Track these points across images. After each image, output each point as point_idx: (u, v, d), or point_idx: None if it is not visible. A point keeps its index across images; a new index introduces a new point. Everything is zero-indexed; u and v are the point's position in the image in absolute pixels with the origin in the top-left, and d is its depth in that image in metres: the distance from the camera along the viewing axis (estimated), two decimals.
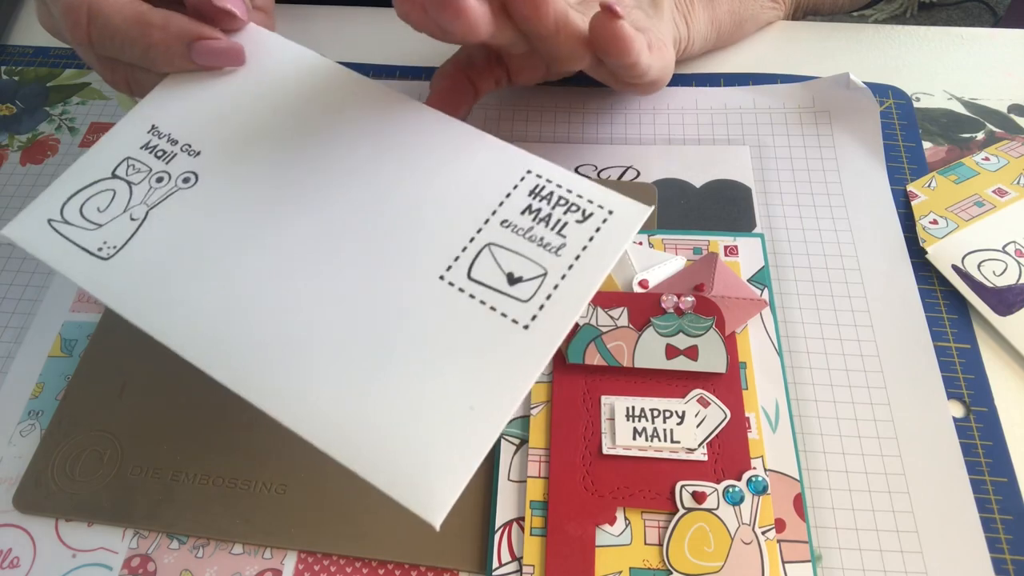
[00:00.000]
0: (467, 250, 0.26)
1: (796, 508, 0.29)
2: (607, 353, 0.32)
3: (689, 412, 0.31)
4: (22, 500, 0.32)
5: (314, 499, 0.32)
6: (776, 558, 0.28)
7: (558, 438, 0.31)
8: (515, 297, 0.25)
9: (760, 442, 0.31)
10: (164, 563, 0.31)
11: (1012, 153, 0.41)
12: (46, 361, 0.36)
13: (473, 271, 0.25)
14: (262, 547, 0.31)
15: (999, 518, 0.31)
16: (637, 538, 0.29)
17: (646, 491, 0.30)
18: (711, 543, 0.28)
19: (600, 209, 0.26)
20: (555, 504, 0.30)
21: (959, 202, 0.39)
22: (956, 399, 0.34)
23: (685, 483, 0.29)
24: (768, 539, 0.28)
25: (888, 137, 0.43)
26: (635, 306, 0.33)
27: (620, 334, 0.33)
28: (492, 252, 0.26)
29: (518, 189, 0.27)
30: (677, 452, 0.30)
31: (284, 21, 0.51)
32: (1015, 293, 0.36)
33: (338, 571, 0.30)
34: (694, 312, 0.33)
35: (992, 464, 0.32)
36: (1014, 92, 0.45)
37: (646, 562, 0.28)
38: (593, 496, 0.30)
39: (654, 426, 0.31)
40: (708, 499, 0.29)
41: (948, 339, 0.35)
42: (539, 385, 0.33)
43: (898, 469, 0.32)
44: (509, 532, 0.30)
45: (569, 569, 0.28)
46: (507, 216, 0.26)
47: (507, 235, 0.26)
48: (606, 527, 0.29)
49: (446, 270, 0.25)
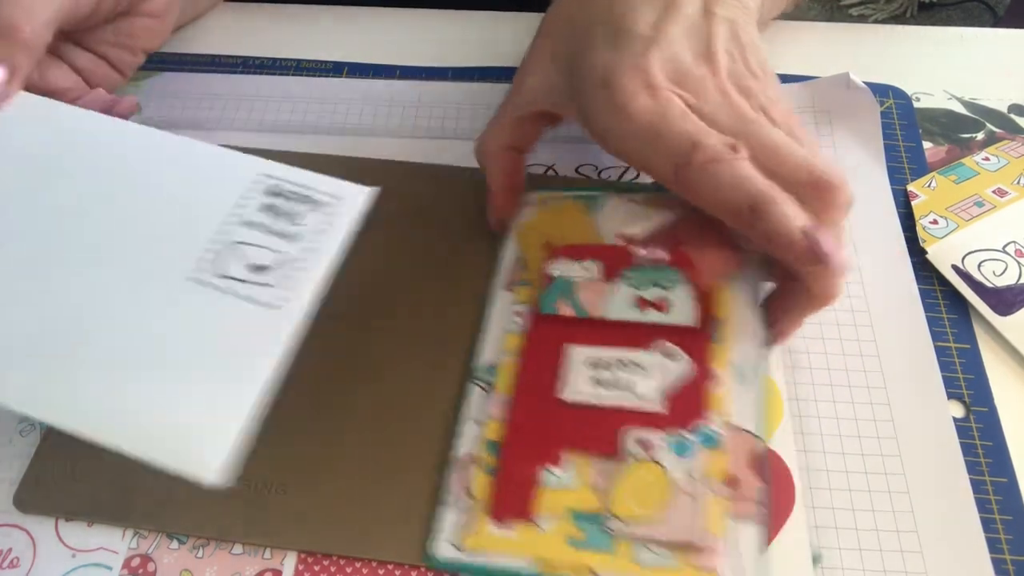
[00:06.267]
0: (211, 251, 0.29)
1: (752, 466, 0.29)
2: (577, 304, 0.32)
3: (652, 363, 0.31)
4: (22, 500, 0.32)
5: (314, 499, 0.32)
6: (721, 513, 0.28)
7: (522, 384, 0.32)
8: (260, 283, 0.28)
9: (724, 397, 0.30)
10: (164, 563, 0.31)
11: (1012, 153, 0.42)
12: None
13: (220, 267, 0.29)
14: (262, 547, 0.31)
15: (999, 518, 0.31)
16: (582, 482, 0.29)
17: (596, 437, 0.30)
18: (654, 492, 0.28)
19: (329, 197, 0.30)
20: (508, 445, 0.30)
21: (959, 202, 0.39)
22: (956, 399, 0.34)
23: (634, 431, 0.29)
24: (716, 494, 0.28)
25: (888, 137, 0.43)
26: (608, 258, 0.33)
27: (592, 286, 0.33)
28: (236, 248, 0.29)
29: (254, 191, 0.31)
30: (633, 401, 0.30)
31: (284, 21, 0.51)
32: (1015, 293, 0.36)
33: (338, 571, 0.30)
34: (668, 265, 0.33)
35: (992, 464, 0.32)
36: (1014, 92, 0.45)
37: (588, 506, 0.28)
38: (543, 439, 0.30)
39: (615, 376, 0.31)
40: (655, 448, 0.29)
41: (948, 339, 0.35)
42: (513, 335, 0.33)
43: (898, 469, 0.32)
44: (464, 468, 0.31)
45: (510, 506, 0.29)
46: (247, 215, 0.30)
47: (248, 232, 0.30)
48: (553, 469, 0.29)
49: (193, 270, 0.29)
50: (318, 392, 0.34)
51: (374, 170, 0.42)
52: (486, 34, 0.50)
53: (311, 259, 0.29)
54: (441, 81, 0.47)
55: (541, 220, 0.36)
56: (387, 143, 0.44)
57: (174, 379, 0.27)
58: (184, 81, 0.47)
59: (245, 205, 0.30)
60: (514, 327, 0.33)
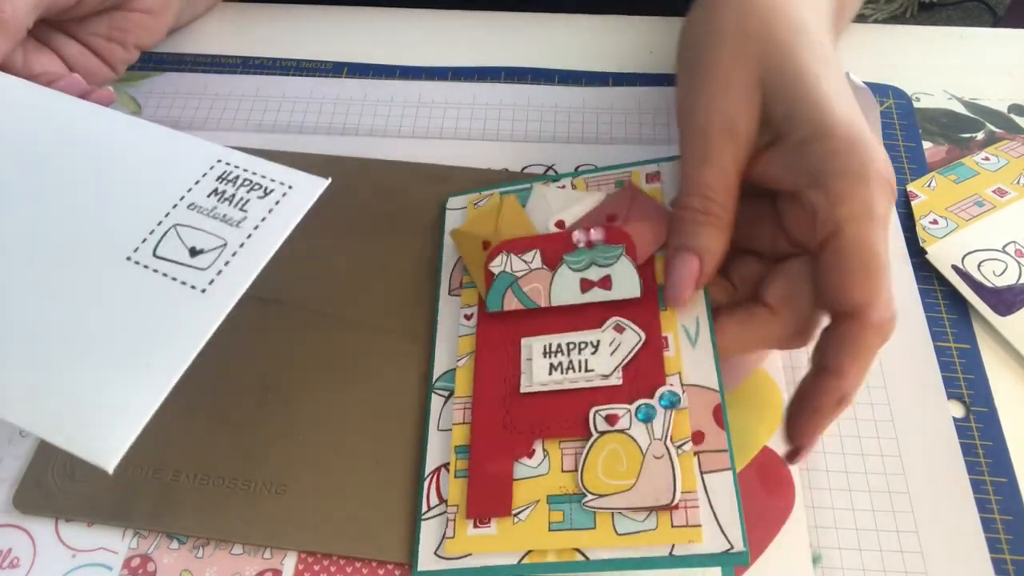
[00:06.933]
0: (154, 232, 0.29)
1: (716, 419, 0.29)
2: (524, 296, 0.33)
3: (604, 340, 0.31)
4: (22, 500, 0.32)
5: (314, 499, 0.32)
6: (691, 469, 0.28)
7: (480, 384, 0.32)
8: (195, 267, 0.28)
9: (677, 359, 0.30)
10: (164, 563, 0.31)
11: (1012, 153, 0.42)
12: None
13: (158, 249, 0.28)
14: (262, 547, 0.31)
15: (999, 518, 0.31)
16: (555, 467, 0.29)
17: (562, 422, 0.30)
18: (624, 462, 0.28)
19: (281, 185, 0.30)
20: (476, 445, 0.30)
21: (959, 202, 0.39)
22: (956, 399, 0.34)
23: (598, 408, 0.30)
24: (683, 452, 0.28)
25: (888, 137, 0.43)
26: (547, 247, 0.34)
27: (535, 276, 0.33)
28: (177, 231, 0.29)
29: (207, 176, 0.30)
30: (592, 380, 0.30)
31: (284, 21, 0.51)
32: (1015, 293, 0.36)
33: (338, 571, 0.30)
34: (604, 243, 0.33)
35: (992, 464, 0.32)
36: (1014, 92, 0.45)
37: (562, 488, 0.29)
38: (512, 434, 0.30)
39: (569, 359, 0.31)
40: (620, 420, 0.29)
41: (948, 339, 0.35)
42: (465, 338, 0.34)
43: (898, 469, 0.32)
44: (437, 478, 0.31)
45: (488, 504, 0.29)
46: (194, 200, 0.30)
47: (193, 216, 0.29)
48: (524, 460, 0.30)
49: (133, 251, 0.28)
50: (318, 393, 0.34)
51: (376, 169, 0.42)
52: (486, 34, 0.50)
53: (251, 246, 0.28)
54: (441, 81, 0.47)
55: (475, 221, 0.37)
56: (387, 143, 0.44)
57: (98, 360, 0.26)
58: (184, 81, 0.47)
59: (195, 190, 0.30)
60: (465, 330, 0.34)
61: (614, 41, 0.49)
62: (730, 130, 0.30)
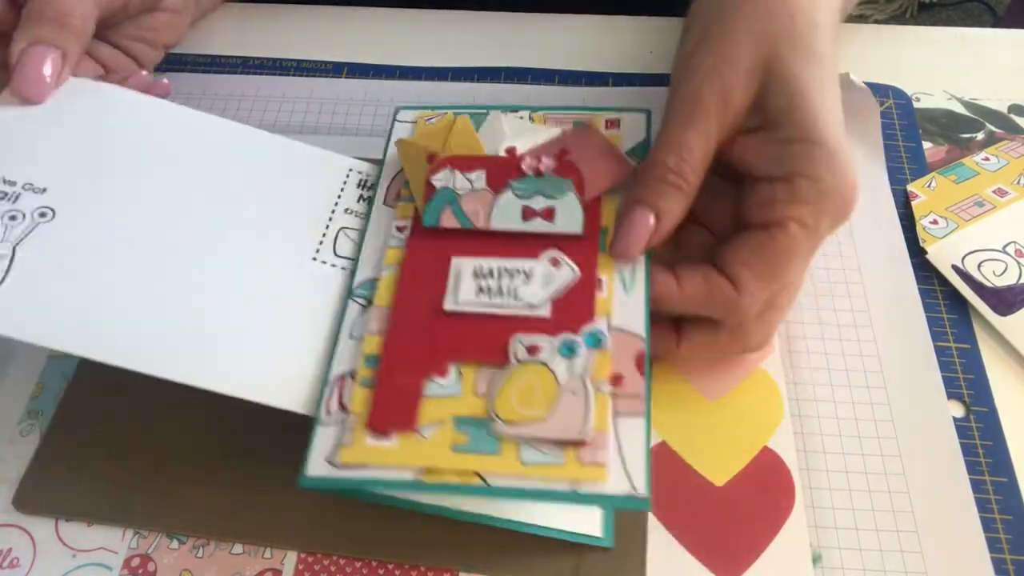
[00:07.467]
0: (327, 235, 0.34)
1: (637, 365, 0.28)
2: (462, 215, 0.32)
3: (538, 271, 0.30)
4: (22, 500, 0.32)
5: (314, 499, 0.31)
6: (606, 410, 0.27)
7: (402, 297, 0.31)
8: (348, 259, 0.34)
9: (609, 301, 0.30)
10: (164, 563, 0.31)
11: (1012, 153, 0.42)
12: (46, 361, 0.36)
13: (337, 249, 0.34)
14: (262, 547, 0.31)
15: (999, 518, 0.31)
16: (467, 389, 0.28)
17: (482, 345, 0.29)
18: (539, 393, 0.28)
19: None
20: (388, 356, 0.29)
21: (959, 202, 0.39)
22: (956, 399, 0.34)
23: (521, 336, 0.29)
24: (600, 392, 0.28)
25: (888, 137, 0.43)
26: (494, 169, 0.33)
27: (477, 196, 0.32)
28: (346, 233, 0.34)
29: (348, 183, 0.36)
30: (519, 309, 0.30)
31: (284, 21, 0.51)
32: (1015, 293, 0.36)
33: (338, 571, 0.30)
34: (553, 174, 0.32)
35: (992, 464, 0.32)
36: (1014, 92, 0.45)
37: (471, 411, 0.28)
38: (427, 350, 0.29)
39: (500, 284, 0.30)
40: (542, 352, 0.29)
41: (948, 339, 0.35)
42: (393, 250, 0.33)
43: (898, 469, 0.32)
44: (342, 385, 0.29)
45: (392, 416, 0.28)
46: (347, 204, 0.35)
47: (351, 219, 0.35)
48: (437, 379, 0.29)
49: (316, 253, 0.33)
50: None
51: None
52: (486, 34, 0.50)
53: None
54: (441, 81, 0.47)
55: (424, 135, 0.36)
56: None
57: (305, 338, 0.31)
58: (184, 81, 0.47)
59: (344, 196, 0.36)
60: (394, 243, 0.33)
61: (614, 41, 0.49)
62: (725, 100, 0.30)
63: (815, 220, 0.29)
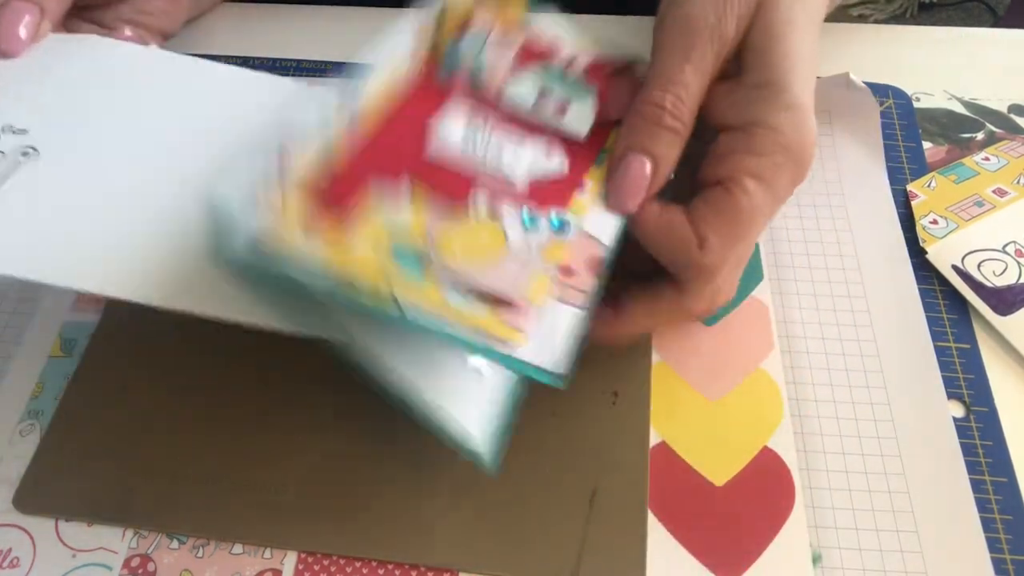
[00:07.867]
0: None
1: (591, 268, 0.28)
2: (481, 66, 0.31)
3: (528, 152, 0.30)
4: (22, 500, 0.32)
5: (314, 499, 0.32)
6: (546, 289, 0.27)
7: (392, 121, 0.29)
8: None
9: (586, 205, 0.29)
10: (164, 563, 0.31)
11: (1012, 153, 0.42)
12: (46, 361, 0.36)
13: None
14: (262, 547, 0.31)
15: (999, 518, 0.31)
16: (416, 217, 0.27)
17: (448, 183, 0.28)
18: (486, 250, 0.27)
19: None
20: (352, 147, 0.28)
21: (959, 202, 0.39)
22: (956, 399, 0.34)
23: (488, 194, 0.28)
24: (546, 273, 0.27)
25: (888, 137, 0.43)
26: (530, 47, 0.32)
27: (505, 53, 0.32)
28: None
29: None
30: (497, 174, 0.29)
31: (284, 21, 0.51)
32: (1015, 293, 0.36)
33: (338, 571, 0.30)
34: (582, 77, 0.32)
35: (992, 464, 0.32)
36: (1014, 92, 0.45)
37: (411, 239, 0.26)
38: (393, 156, 0.28)
39: (487, 147, 0.29)
40: (503, 216, 0.28)
41: (948, 339, 0.35)
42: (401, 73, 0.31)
43: (898, 469, 0.32)
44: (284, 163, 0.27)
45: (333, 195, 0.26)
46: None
47: None
48: (388, 191, 0.27)
49: None
50: (316, 393, 0.34)
51: None
52: None
53: None
54: None
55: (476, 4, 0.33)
56: None
57: None
58: None
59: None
60: (404, 66, 0.31)
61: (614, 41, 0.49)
62: (720, 34, 0.28)
63: (772, 175, 0.27)
